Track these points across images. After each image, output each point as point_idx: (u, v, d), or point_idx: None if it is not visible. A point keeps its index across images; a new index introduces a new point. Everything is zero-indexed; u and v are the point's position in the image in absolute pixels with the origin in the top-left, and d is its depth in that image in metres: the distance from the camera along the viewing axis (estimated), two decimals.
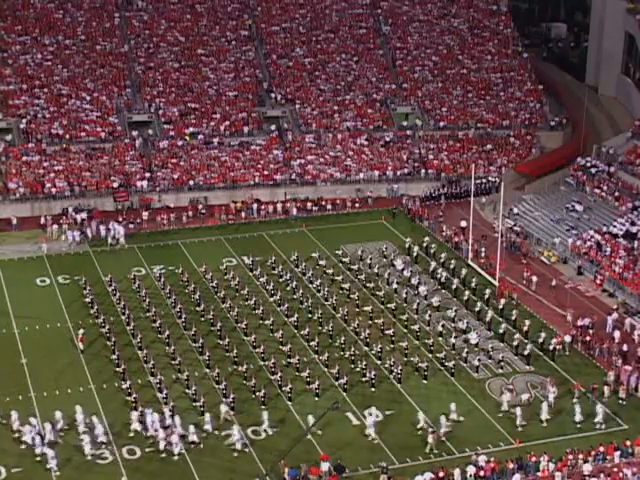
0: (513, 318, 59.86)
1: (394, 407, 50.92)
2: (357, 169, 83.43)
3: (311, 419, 47.83)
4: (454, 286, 64.51)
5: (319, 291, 63.59)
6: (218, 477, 45.54)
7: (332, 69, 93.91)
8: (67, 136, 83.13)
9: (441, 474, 44.63)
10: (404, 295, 62.91)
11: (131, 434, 47.98)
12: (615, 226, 70.53)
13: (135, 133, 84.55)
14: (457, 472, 44.84)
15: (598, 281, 65.87)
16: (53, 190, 78.03)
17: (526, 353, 55.73)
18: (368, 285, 64.46)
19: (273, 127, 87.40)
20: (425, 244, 70.83)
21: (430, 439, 47.26)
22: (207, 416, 48.88)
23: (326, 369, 54.32)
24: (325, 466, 45.27)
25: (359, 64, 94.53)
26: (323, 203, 79.39)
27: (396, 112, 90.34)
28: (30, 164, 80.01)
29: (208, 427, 48.39)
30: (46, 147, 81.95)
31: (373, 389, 52.69)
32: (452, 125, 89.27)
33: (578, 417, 49.49)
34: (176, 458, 46.47)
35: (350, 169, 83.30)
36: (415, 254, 69.68)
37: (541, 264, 69.21)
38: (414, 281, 65.08)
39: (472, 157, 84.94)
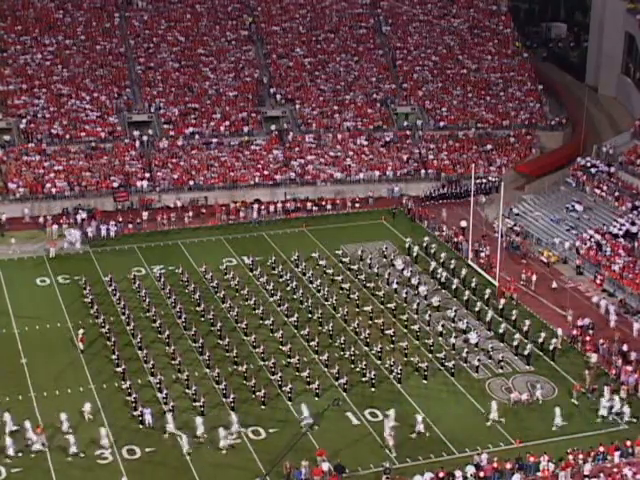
0: (513, 318, 59.87)
1: (394, 407, 50.85)
2: (357, 169, 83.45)
3: (304, 409, 48.30)
4: (454, 286, 64.52)
5: (319, 291, 63.59)
6: (218, 477, 45.55)
7: (332, 69, 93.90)
8: (67, 136, 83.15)
9: (441, 474, 44.64)
10: (404, 295, 62.90)
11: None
12: (615, 226, 70.53)
13: (137, 133, 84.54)
14: (458, 472, 44.88)
15: (598, 281, 65.88)
16: (53, 190, 78.04)
17: (526, 353, 55.76)
18: (368, 285, 64.45)
19: (273, 127, 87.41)
20: (425, 244, 70.85)
21: (391, 442, 47.21)
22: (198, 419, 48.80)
23: (326, 369, 54.33)
24: (325, 466, 45.31)
25: (359, 64, 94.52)
26: (323, 203, 79.42)
27: (396, 112, 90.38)
28: (30, 164, 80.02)
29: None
30: (46, 147, 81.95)
31: (373, 389, 52.69)
32: (452, 125, 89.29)
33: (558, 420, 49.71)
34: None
35: (350, 169, 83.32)
36: (415, 254, 69.68)
37: (541, 264, 69.21)
38: (414, 281, 65.08)
39: (472, 157, 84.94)
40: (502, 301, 61.80)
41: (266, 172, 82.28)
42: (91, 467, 45.92)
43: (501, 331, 58.41)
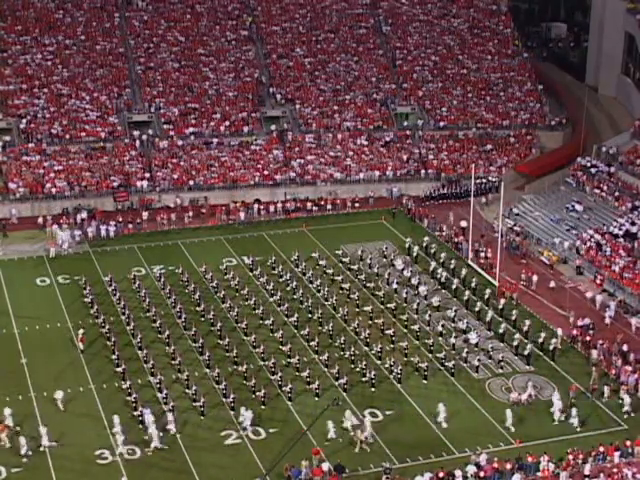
0: (513, 318, 59.87)
1: (394, 407, 50.90)
2: (357, 169, 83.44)
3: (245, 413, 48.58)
4: (454, 286, 64.52)
5: (319, 291, 63.59)
6: (218, 477, 45.56)
7: (332, 69, 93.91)
8: (67, 136, 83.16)
9: (441, 474, 44.64)
10: (404, 295, 62.90)
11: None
12: (615, 226, 70.53)
13: (137, 133, 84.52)
14: (458, 472, 44.90)
15: (598, 281, 65.86)
16: (53, 190, 78.03)
17: (526, 353, 55.76)
18: (368, 285, 64.45)
19: (273, 127, 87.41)
20: (425, 244, 70.85)
21: (362, 436, 47.19)
22: (169, 415, 48.90)
23: (326, 369, 54.33)
24: (325, 466, 45.34)
25: (359, 64, 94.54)
26: (323, 203, 79.42)
27: (396, 112, 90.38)
28: (30, 164, 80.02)
29: (171, 427, 48.31)
30: (46, 147, 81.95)
31: (373, 389, 52.71)
32: (452, 125, 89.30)
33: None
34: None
35: (350, 169, 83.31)
36: (415, 254, 69.68)
37: (541, 264, 69.22)
38: (414, 281, 65.08)
39: (472, 157, 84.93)
40: (502, 301, 61.81)
41: (266, 172, 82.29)
42: (91, 467, 45.93)
43: (501, 331, 58.41)
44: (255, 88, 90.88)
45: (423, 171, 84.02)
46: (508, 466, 45.34)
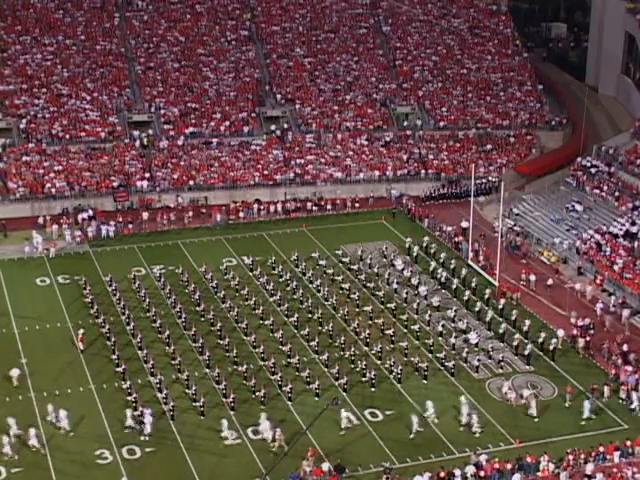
0: (513, 318, 59.87)
1: (394, 407, 50.92)
2: (357, 169, 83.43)
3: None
4: (454, 286, 64.51)
5: (319, 291, 63.58)
6: (218, 477, 45.54)
7: (332, 69, 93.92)
8: (67, 136, 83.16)
9: (442, 474, 44.64)
10: (404, 295, 62.90)
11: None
12: (615, 226, 70.52)
13: (136, 133, 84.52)
14: (457, 471, 44.90)
15: (598, 281, 65.84)
16: (53, 190, 78.03)
17: (526, 353, 55.76)
18: (368, 285, 64.45)
19: (273, 127, 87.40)
20: (425, 244, 70.85)
21: (280, 441, 46.96)
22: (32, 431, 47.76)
23: (326, 369, 54.33)
24: (325, 466, 45.34)
25: (359, 64, 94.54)
26: (323, 203, 79.40)
27: (396, 112, 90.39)
28: (30, 164, 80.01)
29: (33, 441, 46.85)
30: (46, 147, 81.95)
31: (373, 389, 52.71)
32: (452, 125, 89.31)
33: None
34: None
35: (350, 169, 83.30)
36: (415, 254, 69.68)
37: (542, 264, 69.21)
38: (414, 281, 65.08)
39: (472, 157, 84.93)
40: (502, 301, 61.81)
41: (266, 172, 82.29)
42: (91, 467, 45.93)
43: (501, 331, 58.42)
44: (255, 88, 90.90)
45: (423, 171, 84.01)
46: (508, 466, 45.35)
